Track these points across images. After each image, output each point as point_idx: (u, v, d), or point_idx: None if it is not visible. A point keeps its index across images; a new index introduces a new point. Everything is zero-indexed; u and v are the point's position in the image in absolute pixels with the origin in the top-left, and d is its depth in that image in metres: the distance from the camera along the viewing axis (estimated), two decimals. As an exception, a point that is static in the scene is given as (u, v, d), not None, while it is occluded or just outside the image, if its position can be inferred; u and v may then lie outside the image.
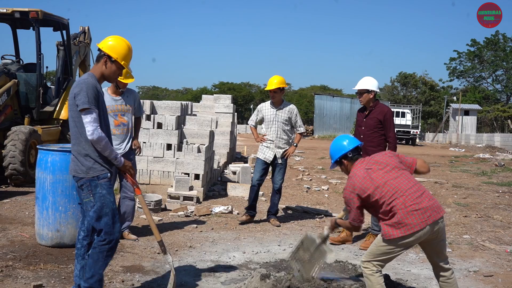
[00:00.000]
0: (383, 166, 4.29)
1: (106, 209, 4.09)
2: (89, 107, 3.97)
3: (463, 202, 10.28)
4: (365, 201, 4.21)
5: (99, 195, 4.07)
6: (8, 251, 5.64)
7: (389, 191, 4.11)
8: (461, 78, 64.51)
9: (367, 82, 6.75)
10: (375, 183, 4.16)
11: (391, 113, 6.85)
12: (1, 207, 7.91)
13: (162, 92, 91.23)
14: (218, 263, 5.76)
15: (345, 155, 4.52)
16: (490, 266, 6.11)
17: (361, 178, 4.23)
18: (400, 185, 4.14)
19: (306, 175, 13.61)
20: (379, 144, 6.71)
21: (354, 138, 4.69)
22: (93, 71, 4.22)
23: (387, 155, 4.49)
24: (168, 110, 9.72)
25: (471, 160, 21.73)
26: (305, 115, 67.20)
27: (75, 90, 4.03)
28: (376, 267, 4.22)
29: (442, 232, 4.21)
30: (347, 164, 4.53)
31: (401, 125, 37.81)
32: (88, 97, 3.98)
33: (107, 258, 4.18)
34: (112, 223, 4.12)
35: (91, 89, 4.02)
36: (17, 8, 10.86)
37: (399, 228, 4.03)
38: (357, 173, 4.30)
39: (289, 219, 8.25)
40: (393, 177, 4.20)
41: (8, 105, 10.52)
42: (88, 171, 4.07)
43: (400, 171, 4.27)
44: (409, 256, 6.32)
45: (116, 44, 4.21)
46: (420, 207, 4.04)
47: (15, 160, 9.37)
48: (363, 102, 6.79)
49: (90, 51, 14.45)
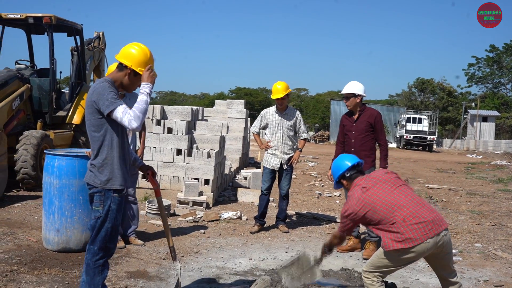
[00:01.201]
0: (380, 183, 4.25)
1: (108, 224, 3.96)
2: (114, 102, 3.79)
3: (477, 210, 10.13)
4: (362, 220, 4.20)
5: (108, 208, 3.96)
6: (14, 255, 5.66)
7: (386, 207, 4.06)
8: (479, 84, 63.92)
9: (353, 86, 6.73)
10: (370, 201, 4.13)
11: (380, 116, 6.87)
12: (12, 211, 7.96)
13: (180, 97, 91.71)
14: (223, 269, 5.72)
15: (343, 174, 4.51)
16: (501, 276, 5.99)
17: (357, 200, 4.19)
18: (398, 200, 4.09)
19: (319, 181, 13.53)
20: (371, 148, 6.72)
21: (353, 156, 4.66)
22: (112, 78, 4.04)
23: (384, 172, 4.45)
24: (179, 115, 9.72)
25: (487, 167, 21.47)
26: (321, 120, 67.06)
27: (94, 97, 3.86)
28: (376, 277, 4.17)
29: (447, 246, 4.12)
30: (346, 184, 4.53)
31: (417, 131, 37.56)
32: (111, 96, 3.81)
33: (103, 272, 4.05)
34: (108, 240, 3.99)
35: (109, 89, 3.85)
36: (31, 14, 10.95)
37: (399, 241, 3.97)
38: (354, 194, 4.27)
39: (298, 225, 8.19)
40: (389, 192, 4.15)
41: (21, 110, 10.59)
42: (103, 183, 3.94)
43: (398, 186, 4.23)
44: (418, 265, 6.21)
45: (137, 54, 3.97)
46: (420, 221, 3.97)
47: (26, 164, 9.42)
48: (350, 106, 6.75)
49: (104, 56, 14.56)
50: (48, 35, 11.15)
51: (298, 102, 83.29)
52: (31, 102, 11.04)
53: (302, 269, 4.87)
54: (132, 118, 3.75)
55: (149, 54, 4.03)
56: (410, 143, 38.76)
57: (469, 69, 63.03)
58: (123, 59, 3.98)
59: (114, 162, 3.94)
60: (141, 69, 3.96)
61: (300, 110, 77.61)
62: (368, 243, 6.72)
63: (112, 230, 3.99)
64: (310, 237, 7.44)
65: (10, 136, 9.85)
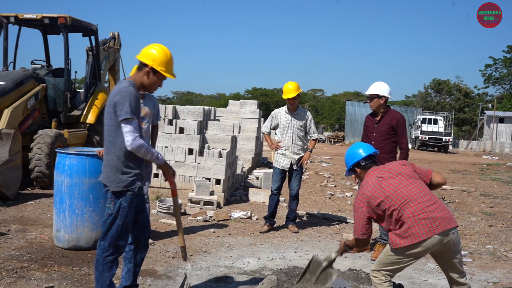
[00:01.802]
0: (395, 174, 4.23)
1: (119, 222, 4.04)
2: (131, 117, 3.89)
3: (490, 211, 10.06)
4: (375, 210, 4.16)
5: (119, 206, 4.04)
6: (25, 253, 5.74)
7: (399, 199, 4.05)
8: (496, 85, 63.31)
9: (378, 87, 6.63)
10: (385, 192, 4.11)
11: (403, 119, 6.73)
12: (25, 209, 8.07)
13: (196, 97, 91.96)
14: (231, 268, 5.75)
15: (358, 163, 4.49)
16: (511, 278, 5.95)
17: (372, 187, 4.18)
18: (411, 193, 4.07)
19: (331, 181, 13.52)
20: (391, 151, 6.60)
21: (369, 146, 4.62)
22: (134, 79, 4.12)
23: (401, 164, 4.42)
24: (191, 115, 9.78)
25: (503, 168, 21.27)
26: (337, 121, 66.85)
27: (116, 98, 3.93)
28: (385, 276, 4.16)
29: (455, 245, 4.10)
30: (360, 172, 4.50)
31: (433, 132, 37.29)
32: (131, 107, 3.90)
33: (112, 268, 4.12)
34: (118, 237, 4.06)
35: (133, 99, 3.94)
36: (46, 14, 11.09)
37: (406, 237, 3.96)
38: (369, 181, 4.25)
39: (308, 226, 8.19)
40: (404, 185, 4.13)
41: (36, 109, 10.73)
42: (115, 183, 4.02)
43: (413, 180, 4.21)
44: (427, 266, 6.20)
45: (158, 54, 4.07)
46: (429, 216, 3.96)
47: (41, 163, 9.54)
48: (373, 107, 6.68)
49: (119, 56, 14.69)
50: (63, 35, 11.28)
51: (314, 102, 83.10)
52: (46, 101, 11.17)
53: (316, 273, 4.83)
54: (132, 140, 3.88)
55: (169, 55, 4.14)
56: (425, 144, 38.50)
57: (486, 70, 62.51)
58: (144, 58, 4.07)
59: (126, 161, 4.01)
60: (161, 68, 4.05)
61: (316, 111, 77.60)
62: (378, 245, 6.70)
63: (122, 228, 4.05)
64: (320, 237, 7.44)
65: (25, 135, 9.99)
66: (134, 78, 4.13)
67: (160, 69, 4.06)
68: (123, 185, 4.01)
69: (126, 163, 4.02)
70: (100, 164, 5.89)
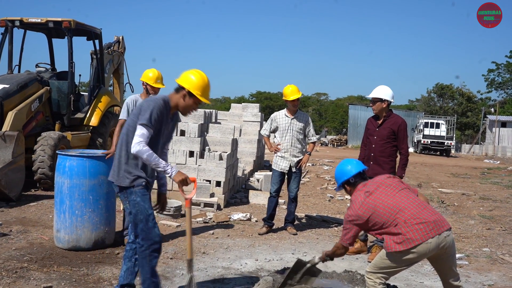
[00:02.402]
0: (382, 187, 4.32)
1: (140, 216, 4.22)
2: (147, 124, 4.06)
3: (488, 215, 10.11)
4: (365, 225, 4.26)
5: (134, 202, 4.22)
6: (26, 253, 5.84)
7: (388, 211, 4.13)
8: (499, 89, 63.28)
9: (381, 91, 6.70)
10: (373, 206, 4.20)
11: (405, 124, 6.78)
12: (27, 210, 8.17)
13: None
14: (229, 269, 5.83)
15: (348, 180, 4.57)
16: (506, 280, 6.01)
17: (360, 204, 4.27)
18: (399, 202, 4.16)
19: (332, 184, 13.59)
20: (390, 155, 6.67)
21: (358, 163, 4.69)
22: (170, 97, 4.29)
23: (387, 177, 4.54)
24: (192, 117, 9.88)
25: (504, 172, 21.29)
26: (340, 125, 66.82)
27: (144, 104, 4.17)
28: (379, 279, 4.22)
29: (450, 247, 4.16)
30: (349, 189, 4.58)
31: (435, 136, 37.32)
32: (151, 117, 4.07)
33: (151, 261, 4.29)
34: (147, 229, 4.24)
35: (158, 110, 4.11)
36: (51, 18, 11.22)
37: (401, 242, 4.03)
38: (357, 199, 4.34)
39: (307, 228, 8.27)
40: (392, 196, 4.22)
41: (40, 112, 10.85)
42: (122, 180, 4.23)
43: (400, 190, 4.30)
44: (424, 268, 6.25)
45: (196, 80, 4.23)
46: (422, 221, 4.03)
47: (44, 165, 9.65)
48: (375, 110, 6.75)
49: (123, 60, 14.84)
50: (68, 39, 11.42)
51: (318, 106, 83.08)
52: (50, 104, 11.29)
53: (299, 273, 4.89)
54: (136, 144, 4.01)
55: (206, 81, 4.29)
56: (427, 148, 38.51)
57: (489, 74, 62.49)
58: (182, 81, 4.24)
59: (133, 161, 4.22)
60: (197, 92, 4.20)
61: (319, 115, 77.59)
62: (375, 247, 6.77)
63: (147, 220, 4.23)
64: (318, 239, 7.52)
65: (29, 137, 10.13)
66: (171, 97, 4.29)
67: (196, 93, 4.21)
68: (128, 181, 4.20)
69: (132, 162, 4.21)
70: (100, 166, 6.04)
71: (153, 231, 4.27)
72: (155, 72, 6.58)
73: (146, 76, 6.57)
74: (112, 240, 6.41)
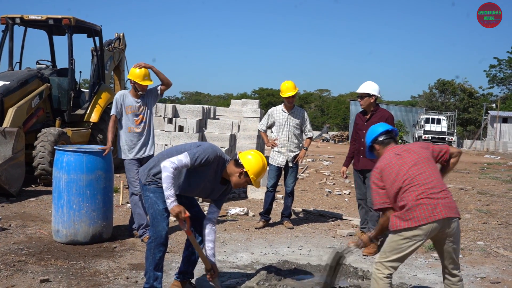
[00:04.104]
0: (412, 155, 4.29)
1: (151, 210, 4.49)
2: (189, 159, 4.26)
3: (485, 209, 10.17)
4: (387, 185, 4.23)
5: (147, 197, 4.51)
6: (24, 247, 5.94)
7: (408, 179, 4.12)
8: (501, 85, 63.16)
9: (368, 86, 6.83)
10: (398, 168, 4.20)
11: (392, 117, 6.92)
12: (27, 205, 8.28)
13: (205, 97, 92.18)
14: (224, 263, 5.91)
15: (375, 138, 4.57)
16: (499, 273, 6.06)
17: (387, 161, 4.29)
18: (420, 176, 4.14)
19: (331, 179, 13.66)
20: None
21: (385, 124, 4.75)
22: (228, 164, 4.47)
23: (420, 146, 4.47)
24: (190, 113, 9.96)
25: (503, 168, 21.29)
26: (343, 121, 66.81)
27: (207, 146, 4.45)
28: (388, 269, 4.19)
29: (454, 235, 4.16)
30: (378, 149, 4.56)
31: (436, 132, 37.40)
32: (200, 158, 4.29)
33: (155, 254, 4.48)
34: (156, 223, 4.47)
35: (211, 158, 4.34)
36: (51, 15, 11.30)
37: (406, 220, 4.04)
38: (386, 156, 4.37)
39: (304, 222, 8.35)
40: (416, 166, 4.19)
41: (40, 108, 10.94)
42: (143, 176, 4.56)
43: (428, 164, 4.25)
44: (417, 261, 6.33)
45: (257, 164, 4.38)
46: (431, 202, 4.02)
47: (44, 160, 9.75)
48: (363, 105, 6.86)
49: (124, 57, 14.91)
50: (68, 36, 11.50)
51: (320, 102, 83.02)
52: (51, 100, 11.39)
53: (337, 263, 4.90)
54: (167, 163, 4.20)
55: (264, 167, 4.47)
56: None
57: (491, 70, 62.35)
58: (244, 160, 4.39)
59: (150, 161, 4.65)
60: (253, 177, 4.37)
61: (322, 111, 77.55)
62: (360, 233, 6.84)
63: (155, 216, 4.47)
64: (314, 233, 7.60)
65: (29, 133, 10.24)
66: (229, 168, 4.46)
67: (252, 178, 4.38)
68: (146, 179, 4.50)
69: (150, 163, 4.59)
70: (97, 161, 6.14)
71: (161, 225, 4.46)
72: (142, 69, 6.54)
73: (133, 73, 6.53)
74: (109, 234, 6.51)
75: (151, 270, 4.47)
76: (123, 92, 6.79)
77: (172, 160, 4.21)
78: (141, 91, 6.61)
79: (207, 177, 4.45)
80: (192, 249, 4.77)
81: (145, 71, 6.55)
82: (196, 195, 4.79)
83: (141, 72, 6.53)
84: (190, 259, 4.84)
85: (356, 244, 4.71)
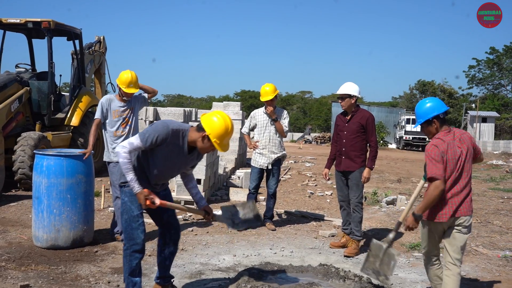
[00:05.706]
0: (464, 147, 4.50)
1: (125, 216, 4.36)
2: (141, 139, 4.14)
3: (465, 208, 10.27)
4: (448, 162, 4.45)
5: (122, 201, 4.39)
6: (4, 252, 5.88)
7: (448, 172, 4.41)
8: (480, 85, 64.04)
9: (348, 87, 6.83)
10: (458, 156, 4.45)
11: (373, 118, 6.95)
12: (7, 210, 8.19)
13: (187, 100, 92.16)
14: (206, 265, 5.91)
15: (439, 115, 4.60)
16: (478, 271, 6.15)
17: (446, 144, 4.44)
18: (457, 172, 4.44)
19: (313, 181, 13.72)
20: (361, 149, 6.81)
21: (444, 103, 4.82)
22: (190, 132, 4.28)
23: (471, 141, 4.67)
24: (171, 116, 9.95)
25: (483, 167, 21.55)
26: (325, 122, 67.14)
27: (158, 124, 4.26)
28: (425, 256, 4.78)
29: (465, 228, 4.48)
30: (437, 125, 4.61)
31: (417, 132, 37.71)
32: (151, 138, 4.12)
33: (131, 261, 4.40)
34: (130, 229, 4.35)
35: (162, 136, 4.15)
36: (30, 19, 11.21)
37: (429, 213, 4.49)
38: (445, 138, 4.48)
39: (286, 223, 8.37)
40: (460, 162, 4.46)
41: (20, 112, 10.84)
42: (120, 178, 4.46)
43: (468, 161, 4.51)
44: (399, 261, 6.38)
45: (219, 126, 4.16)
46: (454, 201, 4.43)
47: (24, 165, 9.66)
48: (344, 107, 6.87)
49: (105, 60, 14.83)
50: (47, 39, 11.41)
51: (302, 104, 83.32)
52: (30, 104, 11.29)
53: (379, 256, 4.88)
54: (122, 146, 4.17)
55: (229, 129, 4.22)
56: (409, 144, 38.89)
57: (470, 71, 63.16)
58: (205, 124, 4.19)
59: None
60: (215, 141, 4.16)
61: (304, 113, 77.88)
62: (351, 241, 6.88)
63: (129, 222, 4.36)
64: (296, 235, 7.63)
65: (9, 137, 10.13)
66: (191, 132, 4.29)
67: (214, 141, 4.17)
68: (123, 179, 4.36)
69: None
70: (77, 165, 6.10)
71: (136, 232, 4.36)
72: (129, 76, 6.47)
73: (120, 79, 6.50)
74: (91, 238, 6.47)
75: (128, 277, 4.42)
76: (109, 96, 6.76)
77: (123, 144, 4.15)
78: (126, 97, 6.60)
79: (171, 153, 4.27)
80: (164, 255, 4.71)
81: (132, 78, 6.48)
82: (171, 175, 4.63)
83: (127, 78, 6.45)
84: (165, 264, 4.78)
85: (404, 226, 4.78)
